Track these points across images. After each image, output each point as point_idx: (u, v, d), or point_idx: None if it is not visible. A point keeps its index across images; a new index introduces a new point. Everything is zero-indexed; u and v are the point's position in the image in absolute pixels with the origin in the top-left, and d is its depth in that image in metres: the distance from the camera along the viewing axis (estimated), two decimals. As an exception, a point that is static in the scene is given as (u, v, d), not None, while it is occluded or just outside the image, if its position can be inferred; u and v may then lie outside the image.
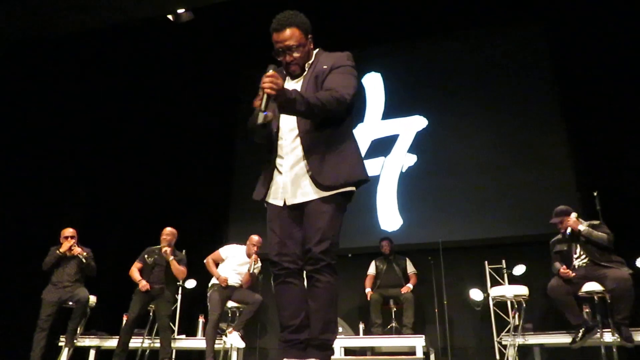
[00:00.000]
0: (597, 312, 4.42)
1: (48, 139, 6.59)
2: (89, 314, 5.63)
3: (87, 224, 6.33)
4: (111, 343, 5.65)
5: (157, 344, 5.18)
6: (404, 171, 6.75)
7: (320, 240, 1.99)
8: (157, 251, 5.27)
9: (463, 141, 6.62)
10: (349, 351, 5.47)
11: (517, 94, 6.54)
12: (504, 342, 5.14)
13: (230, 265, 5.49)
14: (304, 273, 2.10)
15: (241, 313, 5.46)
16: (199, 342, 5.73)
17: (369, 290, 5.86)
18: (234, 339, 5.16)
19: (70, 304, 5.19)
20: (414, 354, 4.99)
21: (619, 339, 4.16)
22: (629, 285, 4.10)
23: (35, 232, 5.94)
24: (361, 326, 5.72)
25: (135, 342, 5.31)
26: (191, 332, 6.19)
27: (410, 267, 5.96)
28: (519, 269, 5.41)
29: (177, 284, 5.77)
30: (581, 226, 4.42)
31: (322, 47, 2.26)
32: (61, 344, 5.33)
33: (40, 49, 6.42)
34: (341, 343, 5.27)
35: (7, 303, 5.58)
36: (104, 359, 5.90)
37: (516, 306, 5.09)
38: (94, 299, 5.68)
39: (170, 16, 6.53)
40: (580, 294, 4.39)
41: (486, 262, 5.71)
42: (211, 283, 5.46)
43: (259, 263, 5.49)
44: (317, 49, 2.23)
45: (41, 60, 6.52)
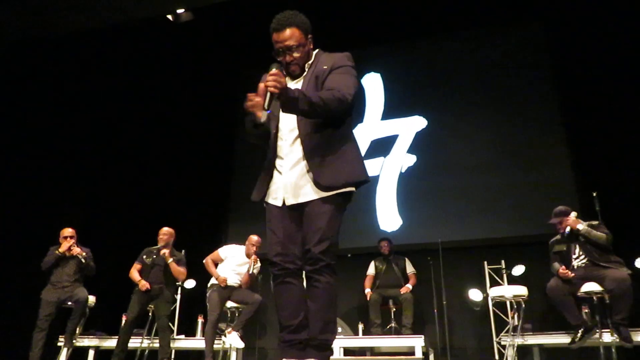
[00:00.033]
0: (596, 312, 4.42)
1: (47, 139, 6.58)
2: (88, 314, 5.63)
3: (87, 223, 6.33)
4: (110, 343, 5.65)
5: (156, 344, 5.18)
6: (403, 171, 6.75)
7: (319, 240, 1.99)
8: (155, 251, 5.27)
9: (462, 141, 6.62)
10: (348, 351, 5.47)
11: (517, 94, 6.54)
12: (503, 343, 5.14)
13: (230, 266, 5.50)
14: (303, 273, 2.09)
15: (240, 313, 5.45)
16: (198, 342, 5.73)
17: (368, 290, 5.86)
18: (233, 339, 5.16)
19: (70, 304, 5.19)
20: (413, 354, 4.99)
21: (617, 339, 4.16)
22: (627, 285, 4.11)
23: (35, 231, 5.93)
24: (360, 326, 5.71)
25: (134, 342, 5.30)
26: (190, 332, 6.19)
27: (410, 267, 5.97)
28: (518, 269, 5.42)
29: (176, 284, 5.77)
30: (580, 225, 4.43)
31: (322, 47, 2.26)
32: (60, 344, 5.33)
33: (40, 49, 6.42)
34: (340, 343, 5.27)
35: (7, 303, 5.57)
36: (103, 359, 5.89)
37: (515, 306, 5.09)
38: (93, 299, 5.68)
39: (169, 16, 6.54)
40: (580, 294, 4.40)
41: (485, 262, 5.71)
42: (210, 283, 5.46)
43: (258, 263, 5.50)
44: (317, 50, 2.23)
45: (41, 60, 6.52)
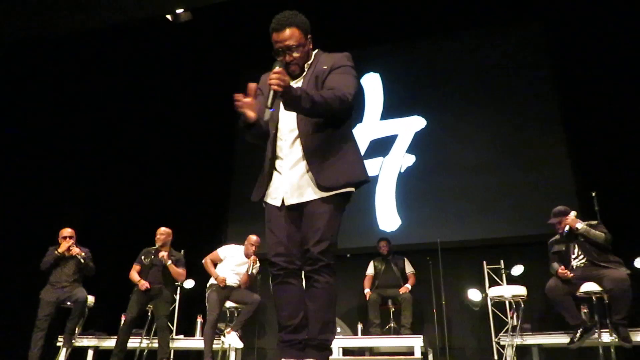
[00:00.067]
0: (595, 312, 4.43)
1: (47, 139, 6.58)
2: (87, 314, 5.63)
3: (86, 223, 6.33)
4: (109, 343, 5.65)
5: (155, 344, 5.18)
6: (402, 171, 6.75)
7: (319, 240, 1.99)
8: (153, 252, 5.28)
9: (461, 141, 6.62)
10: (347, 351, 5.47)
11: (516, 94, 6.54)
12: (502, 343, 5.14)
13: (229, 266, 5.50)
14: (303, 273, 2.09)
15: (239, 313, 5.45)
16: (197, 342, 5.73)
17: (367, 290, 5.85)
18: (232, 339, 5.16)
19: (69, 304, 5.18)
20: (412, 354, 4.99)
21: (616, 339, 4.17)
22: (626, 285, 4.12)
23: (34, 231, 5.93)
24: (359, 326, 5.71)
25: (133, 342, 5.30)
26: (189, 332, 6.18)
27: (409, 267, 5.96)
28: (517, 269, 5.42)
29: (175, 284, 5.76)
30: (579, 224, 4.44)
31: (321, 47, 2.26)
32: (59, 344, 5.33)
33: (40, 49, 6.41)
34: (339, 343, 5.27)
35: (6, 303, 5.57)
36: (102, 359, 5.89)
37: (514, 306, 5.09)
38: (92, 299, 5.68)
39: (169, 16, 6.53)
40: (579, 294, 4.40)
41: (484, 262, 5.70)
42: (209, 283, 5.46)
43: (257, 264, 5.50)
44: (316, 50, 2.23)
45: (41, 60, 6.51)
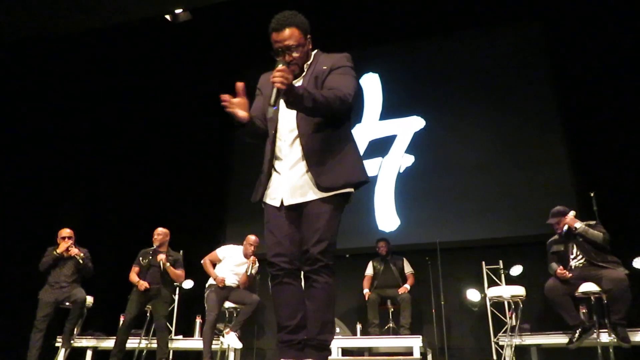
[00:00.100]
0: (593, 312, 4.43)
1: (46, 139, 6.57)
2: (85, 314, 5.62)
3: (85, 224, 6.32)
4: (108, 344, 5.63)
5: (154, 345, 5.17)
6: (401, 172, 6.75)
7: (318, 240, 1.99)
8: (151, 252, 5.28)
9: (460, 141, 6.62)
10: (346, 351, 5.46)
11: (515, 94, 6.55)
12: (501, 343, 5.15)
13: (228, 266, 5.49)
14: (302, 273, 2.09)
15: (238, 313, 5.45)
16: (196, 343, 5.73)
17: (366, 291, 5.85)
18: (231, 340, 5.15)
19: (67, 304, 5.18)
20: (411, 354, 4.99)
21: (615, 340, 4.17)
22: (625, 285, 4.12)
23: (33, 232, 5.92)
24: (358, 327, 5.72)
25: (132, 343, 5.30)
26: (188, 332, 6.18)
27: (408, 267, 5.96)
28: (516, 270, 5.42)
29: (174, 284, 5.76)
30: (577, 224, 4.45)
31: (320, 47, 2.27)
32: (58, 344, 5.32)
33: (40, 49, 6.41)
34: (338, 343, 5.26)
35: (5, 303, 5.56)
36: (101, 359, 5.89)
37: (513, 306, 5.10)
38: (90, 299, 5.67)
39: (168, 16, 6.53)
40: (577, 294, 4.41)
41: (483, 262, 5.71)
42: (208, 283, 5.45)
43: (257, 264, 5.49)
44: (316, 50, 2.23)
45: (41, 60, 6.51)
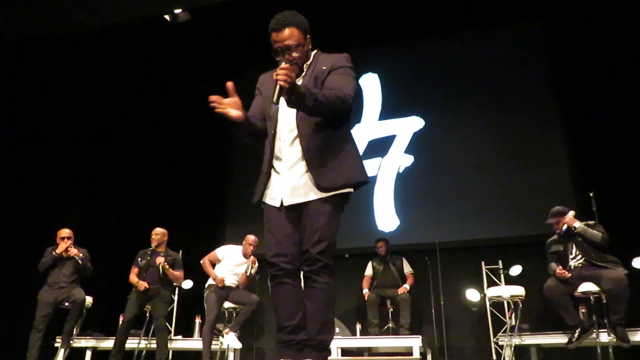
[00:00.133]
0: (593, 312, 4.43)
1: (45, 139, 6.57)
2: (85, 314, 5.62)
3: (84, 224, 6.32)
4: (107, 344, 5.63)
5: (154, 345, 5.17)
6: (400, 172, 6.75)
7: (318, 241, 1.99)
8: (149, 252, 5.28)
9: (460, 142, 6.62)
10: (346, 352, 5.47)
11: (514, 94, 6.55)
12: (500, 343, 5.15)
13: (227, 266, 5.49)
14: (301, 274, 2.09)
15: (238, 314, 5.45)
16: (195, 343, 5.72)
17: (366, 291, 5.85)
18: (230, 340, 5.15)
19: (67, 304, 5.17)
20: (410, 354, 5.00)
21: (614, 339, 4.18)
22: (624, 285, 4.13)
23: (32, 232, 5.92)
24: (358, 327, 5.72)
25: (131, 343, 5.29)
26: (188, 332, 6.17)
27: (407, 267, 5.96)
28: (516, 270, 5.42)
29: (173, 284, 5.75)
30: (576, 223, 4.46)
31: (320, 47, 2.27)
32: (57, 344, 5.31)
33: (40, 49, 6.40)
34: (338, 343, 5.27)
35: (4, 303, 5.55)
36: (100, 359, 5.89)
37: (513, 306, 5.10)
38: (90, 299, 5.67)
39: (167, 16, 6.53)
40: (577, 294, 4.41)
41: (483, 262, 5.71)
42: (208, 284, 5.45)
43: (256, 265, 5.49)
44: (315, 50, 2.23)
45: (41, 60, 6.50)
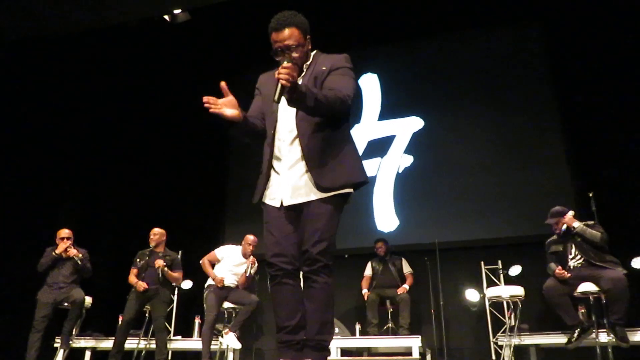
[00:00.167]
0: (592, 312, 4.44)
1: (45, 139, 6.56)
2: (84, 315, 5.62)
3: (83, 224, 6.31)
4: (107, 344, 5.63)
5: (153, 345, 5.16)
6: (400, 172, 6.75)
7: (317, 241, 1.99)
8: (147, 253, 5.29)
9: (459, 142, 6.62)
10: (345, 352, 5.47)
11: (514, 94, 6.54)
12: (500, 343, 5.15)
13: (226, 266, 5.49)
14: (301, 274, 2.09)
15: (237, 314, 5.45)
16: (195, 343, 5.72)
17: (365, 291, 5.85)
18: (230, 340, 5.15)
19: (66, 305, 5.17)
20: (410, 354, 5.00)
21: (614, 339, 4.18)
22: (624, 285, 4.13)
23: (32, 232, 5.91)
24: (357, 327, 5.72)
25: (131, 343, 5.29)
26: (187, 333, 6.17)
27: (406, 267, 5.96)
28: (515, 270, 5.42)
29: (172, 285, 5.76)
30: (576, 223, 4.46)
31: (319, 47, 2.27)
32: (57, 345, 5.31)
33: (40, 49, 6.40)
34: (338, 344, 5.27)
35: (3, 304, 5.55)
36: (100, 360, 5.89)
37: (512, 307, 5.10)
38: (89, 299, 5.67)
39: (166, 17, 6.53)
40: (576, 294, 4.41)
41: (482, 262, 5.71)
42: (207, 284, 5.45)
43: (256, 265, 5.48)
44: (315, 51, 2.23)
45: (41, 60, 6.50)
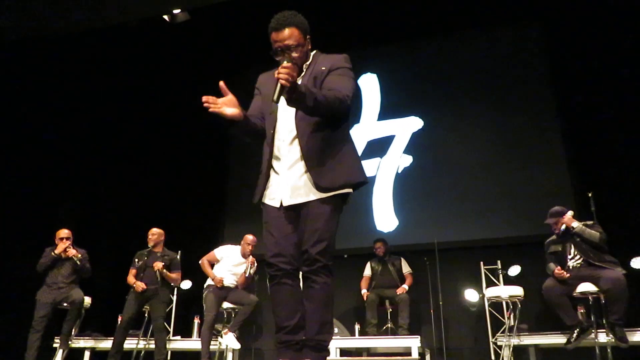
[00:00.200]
0: (591, 312, 4.45)
1: (44, 139, 6.56)
2: (83, 315, 5.61)
3: (83, 224, 6.31)
4: (106, 344, 5.63)
5: (152, 345, 5.16)
6: (399, 172, 6.75)
7: (317, 241, 1.99)
8: (146, 253, 5.29)
9: (458, 142, 6.63)
10: (344, 352, 5.47)
11: (514, 94, 6.55)
12: (499, 343, 5.15)
13: (226, 266, 5.49)
14: (300, 274, 2.09)
15: (237, 314, 5.44)
16: (194, 343, 5.71)
17: (365, 291, 5.85)
18: (229, 340, 5.15)
19: (65, 305, 5.16)
20: (409, 354, 5.00)
21: (613, 340, 4.18)
22: (623, 285, 4.13)
23: (31, 232, 5.91)
24: (357, 327, 5.72)
25: (130, 344, 5.29)
26: (186, 333, 6.16)
27: (406, 267, 5.96)
28: (514, 270, 5.42)
29: (171, 285, 5.76)
30: (575, 223, 4.47)
31: (319, 47, 2.27)
32: (56, 345, 5.30)
33: (40, 49, 6.39)
34: (337, 344, 5.27)
35: (5, 303, 5.55)
36: (99, 360, 5.89)
37: (511, 307, 5.11)
38: (88, 300, 5.67)
39: (166, 16, 6.53)
40: (575, 294, 4.41)
41: (482, 262, 5.71)
42: (206, 284, 5.45)
43: (255, 265, 5.48)
44: (315, 51, 2.23)
45: (41, 60, 6.49)
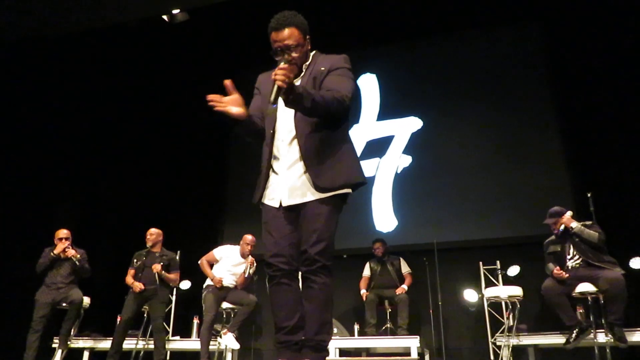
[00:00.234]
0: (590, 312, 4.45)
1: (44, 139, 6.55)
2: (82, 315, 5.60)
3: (82, 224, 6.30)
4: (105, 344, 5.62)
5: (152, 346, 5.16)
6: (399, 172, 6.75)
7: (316, 241, 1.99)
8: (144, 253, 5.29)
9: (458, 142, 6.63)
10: (344, 352, 5.47)
11: (513, 95, 6.55)
12: (498, 343, 5.16)
13: (225, 266, 5.48)
14: (300, 274, 2.09)
15: (236, 314, 5.44)
16: (193, 344, 5.71)
17: (364, 291, 5.85)
18: (228, 340, 5.15)
19: (64, 305, 5.15)
20: (408, 354, 5.00)
21: (612, 340, 4.19)
22: (622, 285, 4.14)
23: (30, 233, 5.90)
24: (356, 327, 5.72)
25: (129, 344, 5.28)
26: (186, 333, 6.17)
27: (405, 267, 5.96)
28: (513, 270, 5.43)
29: (171, 285, 5.76)
30: (573, 223, 4.47)
31: (319, 47, 2.27)
32: (55, 345, 5.30)
33: (40, 49, 6.39)
34: (336, 344, 5.27)
35: (4, 303, 5.54)
36: (98, 360, 5.88)
37: (510, 307, 5.11)
38: (87, 300, 5.66)
39: (165, 16, 6.53)
40: (574, 294, 4.42)
41: (481, 262, 5.72)
42: (206, 284, 5.44)
43: (255, 265, 5.48)
44: (314, 51, 2.24)
45: (41, 60, 6.49)
